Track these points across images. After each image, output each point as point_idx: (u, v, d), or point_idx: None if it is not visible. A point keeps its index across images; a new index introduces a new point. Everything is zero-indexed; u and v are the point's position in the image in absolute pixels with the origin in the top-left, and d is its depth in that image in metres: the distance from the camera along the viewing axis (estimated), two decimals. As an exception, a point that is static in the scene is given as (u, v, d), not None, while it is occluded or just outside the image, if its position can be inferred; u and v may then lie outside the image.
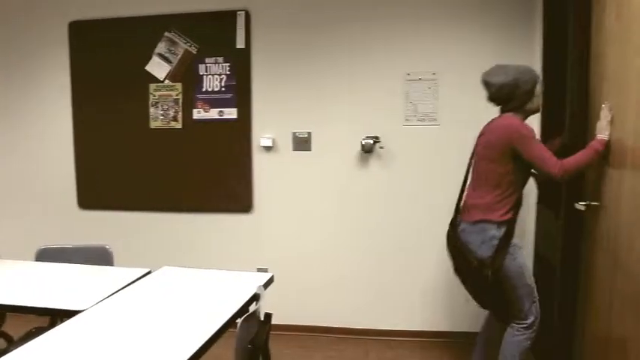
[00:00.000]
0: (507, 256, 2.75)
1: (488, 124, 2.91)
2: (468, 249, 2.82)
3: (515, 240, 2.80)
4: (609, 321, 2.35)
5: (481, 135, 2.94)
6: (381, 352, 3.82)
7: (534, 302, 2.83)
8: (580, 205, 2.66)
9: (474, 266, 2.78)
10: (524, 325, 2.84)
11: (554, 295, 3.08)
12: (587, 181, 2.73)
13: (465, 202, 2.96)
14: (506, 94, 2.78)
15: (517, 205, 2.80)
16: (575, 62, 2.86)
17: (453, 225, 2.99)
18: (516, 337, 2.85)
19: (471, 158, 3.00)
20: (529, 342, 2.84)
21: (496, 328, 3.08)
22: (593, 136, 2.57)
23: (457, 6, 3.78)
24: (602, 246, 2.49)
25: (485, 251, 2.76)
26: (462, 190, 3.04)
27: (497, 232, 2.74)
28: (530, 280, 2.83)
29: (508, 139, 2.71)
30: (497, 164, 2.76)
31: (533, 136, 2.71)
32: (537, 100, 2.84)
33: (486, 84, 2.85)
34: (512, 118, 2.79)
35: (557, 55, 3.17)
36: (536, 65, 3.66)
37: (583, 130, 2.78)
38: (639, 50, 2.09)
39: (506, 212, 2.75)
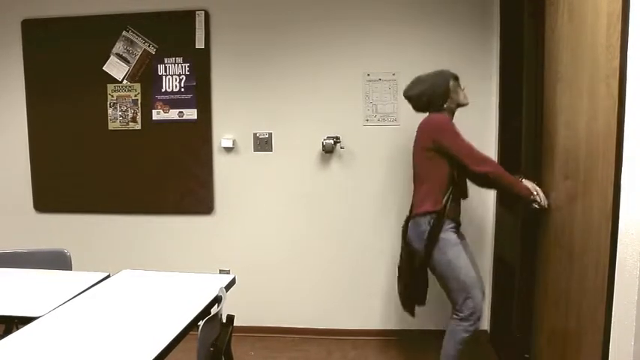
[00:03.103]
0: (436, 250, 2.90)
1: (420, 123, 3.07)
2: (408, 242, 3.04)
3: (451, 237, 2.92)
4: (566, 315, 2.42)
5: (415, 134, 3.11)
6: (344, 351, 3.84)
7: (468, 297, 2.93)
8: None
9: (410, 256, 3.00)
10: (459, 317, 2.97)
11: (514, 292, 3.16)
12: (544, 181, 2.81)
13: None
14: (425, 101, 3.02)
15: (446, 199, 2.91)
16: (530, 62, 2.94)
17: (407, 221, 3.15)
18: (452, 328, 3.01)
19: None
20: (466, 334, 2.97)
21: None
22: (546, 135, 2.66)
23: (415, 7, 3.83)
24: (558, 244, 2.56)
25: (418, 244, 2.95)
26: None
27: (426, 227, 2.91)
28: (465, 276, 2.92)
29: (428, 134, 2.92)
30: (422, 159, 2.96)
31: (455, 131, 2.87)
32: (456, 96, 3.01)
33: (408, 98, 3.10)
34: (436, 115, 2.99)
35: (513, 54, 3.24)
36: (493, 65, 3.74)
37: (538, 130, 2.86)
38: (590, 51, 2.16)
39: (433, 206, 2.90)
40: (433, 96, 2.99)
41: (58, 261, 2.97)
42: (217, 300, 2.32)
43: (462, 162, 2.82)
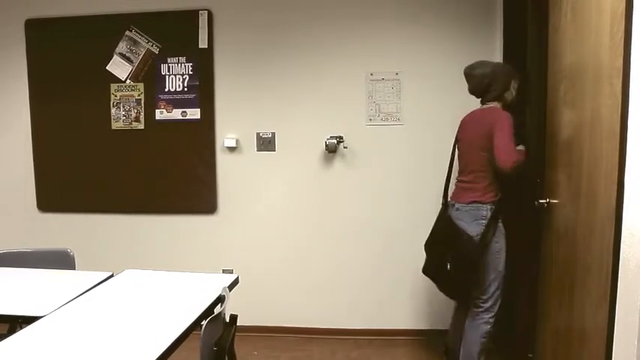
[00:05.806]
0: (492, 238, 2.95)
1: (472, 114, 3.12)
2: (459, 227, 3.00)
3: (502, 228, 2.99)
4: (569, 315, 2.41)
5: (465, 124, 3.15)
6: (348, 351, 3.84)
7: (498, 290, 3.00)
8: (541, 202, 2.76)
9: (462, 241, 2.95)
10: (482, 309, 3.02)
11: (517, 291, 3.15)
12: (547, 179, 2.80)
13: (458, 185, 3.15)
14: (487, 84, 3.02)
15: (500, 192, 3.00)
16: (534, 62, 2.94)
17: (445, 206, 3.19)
18: (476, 322, 3.03)
19: (455, 146, 3.22)
20: (489, 326, 3.01)
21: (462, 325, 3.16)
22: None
23: (418, 6, 3.82)
24: (562, 241, 2.56)
25: (475, 229, 2.96)
26: (449, 176, 3.26)
27: (487, 213, 2.96)
28: (502, 268, 3.00)
29: (489, 125, 2.92)
30: (487, 152, 2.93)
31: (509, 127, 2.87)
32: (510, 93, 3.05)
33: (468, 76, 3.09)
34: (497, 109, 3.01)
35: (517, 54, 3.24)
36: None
37: (542, 129, 2.85)
38: (594, 51, 2.15)
39: (495, 195, 2.98)
40: (495, 83, 3.01)
41: (62, 260, 2.98)
42: (220, 299, 2.32)
43: (499, 153, 2.82)
